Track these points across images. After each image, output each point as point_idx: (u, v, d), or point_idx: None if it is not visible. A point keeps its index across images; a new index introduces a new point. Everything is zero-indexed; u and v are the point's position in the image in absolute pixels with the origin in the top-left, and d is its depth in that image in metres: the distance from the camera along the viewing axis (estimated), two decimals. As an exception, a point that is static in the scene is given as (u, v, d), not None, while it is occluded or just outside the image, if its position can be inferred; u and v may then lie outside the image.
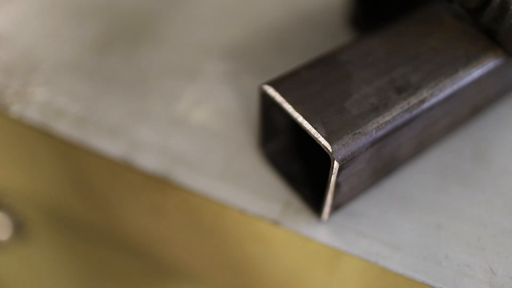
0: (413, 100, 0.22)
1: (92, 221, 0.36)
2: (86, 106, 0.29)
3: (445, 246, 0.24)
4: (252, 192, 0.26)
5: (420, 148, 0.26)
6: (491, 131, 0.28)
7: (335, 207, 0.24)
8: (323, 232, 0.24)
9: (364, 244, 0.24)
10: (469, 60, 0.24)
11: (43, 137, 0.30)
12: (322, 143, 0.21)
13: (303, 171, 0.26)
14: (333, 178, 0.22)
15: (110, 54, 0.32)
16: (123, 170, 0.28)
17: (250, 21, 0.34)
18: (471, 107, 0.26)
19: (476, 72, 0.24)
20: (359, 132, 0.21)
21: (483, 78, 0.24)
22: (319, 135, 0.21)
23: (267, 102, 0.24)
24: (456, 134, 0.28)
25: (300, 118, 0.22)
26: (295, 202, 0.25)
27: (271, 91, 0.23)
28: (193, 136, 0.28)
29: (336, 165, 0.21)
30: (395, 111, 0.22)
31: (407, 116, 0.22)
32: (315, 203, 0.25)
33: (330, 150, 0.21)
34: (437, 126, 0.25)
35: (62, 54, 0.32)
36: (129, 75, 0.31)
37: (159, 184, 0.27)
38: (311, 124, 0.21)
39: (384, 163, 0.24)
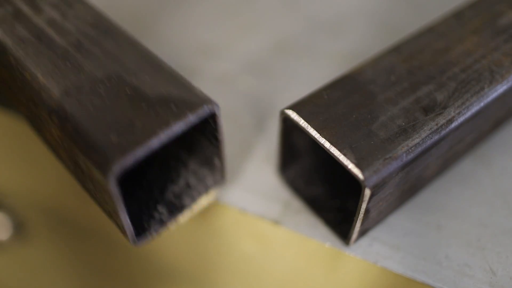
0: (441, 120, 0.22)
1: (92, 221, 0.36)
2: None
3: (445, 246, 0.24)
4: (252, 192, 0.26)
5: (444, 166, 0.25)
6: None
7: (362, 233, 0.23)
8: (323, 232, 0.24)
9: (364, 244, 0.24)
10: (493, 76, 0.23)
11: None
12: (353, 170, 0.20)
13: (326, 195, 0.25)
14: (363, 206, 0.21)
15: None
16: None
17: (250, 21, 0.34)
18: (493, 122, 0.26)
19: (501, 88, 0.23)
20: (390, 157, 0.21)
21: (507, 93, 0.24)
22: (348, 161, 0.20)
23: (288, 127, 0.23)
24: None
25: (327, 144, 0.21)
26: (295, 202, 0.25)
27: (294, 115, 0.22)
28: (193, 136, 0.28)
29: (367, 192, 0.20)
30: (424, 133, 0.21)
31: (436, 137, 0.22)
32: (340, 228, 0.24)
33: (362, 178, 0.20)
34: (462, 143, 0.25)
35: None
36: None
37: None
38: (339, 150, 0.21)
39: (411, 185, 0.23)
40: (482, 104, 0.23)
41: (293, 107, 0.22)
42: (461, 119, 0.22)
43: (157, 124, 0.20)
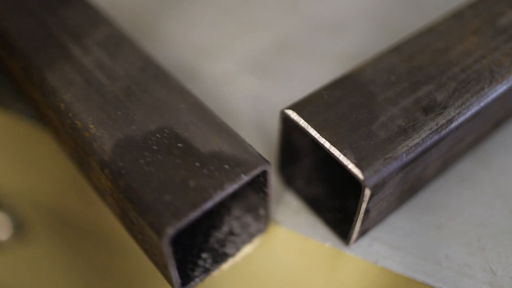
0: (441, 120, 0.22)
1: (91, 221, 0.36)
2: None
3: (445, 246, 0.24)
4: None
5: (444, 166, 0.25)
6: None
7: (362, 233, 0.23)
8: (323, 232, 0.24)
9: (364, 244, 0.24)
10: (493, 76, 0.23)
11: (43, 137, 0.30)
12: (353, 170, 0.20)
13: (326, 194, 0.25)
14: (363, 206, 0.21)
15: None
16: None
17: (250, 21, 0.34)
18: (493, 122, 0.26)
19: (501, 88, 0.23)
20: (390, 157, 0.21)
21: (507, 93, 0.24)
22: (348, 161, 0.20)
23: (288, 127, 0.23)
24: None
25: (327, 144, 0.21)
26: (295, 202, 0.25)
27: (294, 115, 0.22)
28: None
29: (367, 192, 0.20)
30: (424, 133, 0.21)
31: (436, 137, 0.22)
32: (340, 228, 0.24)
33: (362, 178, 0.20)
34: (462, 143, 0.25)
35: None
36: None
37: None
38: (339, 150, 0.21)
39: (411, 185, 0.23)
40: (482, 104, 0.23)
41: (293, 107, 0.22)
42: (461, 119, 0.22)
43: (210, 185, 0.19)
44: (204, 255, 0.23)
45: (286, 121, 0.23)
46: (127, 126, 0.22)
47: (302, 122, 0.22)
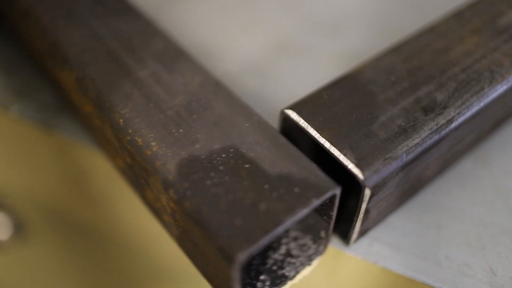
0: (441, 120, 0.22)
1: (91, 221, 0.36)
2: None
3: (445, 246, 0.24)
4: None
5: (444, 166, 0.25)
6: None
7: (362, 233, 0.23)
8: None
9: (364, 244, 0.24)
10: (493, 76, 0.23)
11: (43, 137, 0.30)
12: (353, 170, 0.20)
13: None
14: (363, 206, 0.21)
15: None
16: (123, 170, 0.28)
17: (250, 21, 0.34)
18: (493, 122, 0.26)
19: (501, 88, 0.23)
20: (390, 157, 0.21)
21: (507, 93, 0.24)
22: (348, 161, 0.20)
23: (288, 127, 0.23)
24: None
25: (327, 144, 0.21)
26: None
27: (294, 115, 0.22)
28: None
29: (367, 192, 0.20)
30: (424, 132, 0.21)
31: (436, 137, 0.22)
32: (340, 228, 0.24)
33: (362, 178, 0.20)
34: (462, 143, 0.25)
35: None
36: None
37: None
38: (339, 150, 0.21)
39: (411, 185, 0.23)
40: (482, 104, 0.23)
41: (293, 107, 0.22)
42: (461, 119, 0.22)
43: (281, 209, 0.19)
44: (262, 277, 0.22)
45: (286, 121, 0.23)
46: (190, 144, 0.21)
47: (302, 122, 0.22)
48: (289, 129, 0.24)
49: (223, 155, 0.20)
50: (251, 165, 0.20)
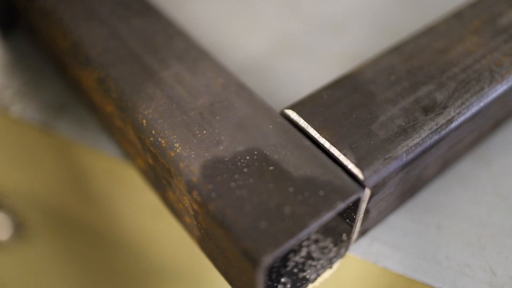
0: (441, 120, 0.22)
1: (91, 221, 0.36)
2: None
3: (445, 246, 0.24)
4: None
5: (444, 166, 0.25)
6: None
7: (362, 233, 0.23)
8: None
9: (364, 244, 0.24)
10: (493, 76, 0.23)
11: (43, 137, 0.30)
12: (353, 170, 0.20)
13: None
14: (363, 206, 0.21)
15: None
16: (123, 170, 0.28)
17: (250, 21, 0.34)
18: (493, 122, 0.26)
19: (501, 88, 0.23)
20: (389, 157, 0.21)
21: (507, 93, 0.24)
22: (348, 161, 0.20)
23: None
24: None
25: (327, 144, 0.21)
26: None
27: (294, 115, 0.22)
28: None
29: (367, 192, 0.20)
30: (424, 132, 0.21)
31: (435, 137, 0.22)
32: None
33: (362, 178, 0.20)
34: (462, 143, 0.25)
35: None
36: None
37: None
38: (339, 150, 0.21)
39: (411, 185, 0.23)
40: (482, 104, 0.23)
41: (293, 107, 0.22)
42: (461, 119, 0.22)
43: (307, 212, 0.18)
44: (283, 280, 0.22)
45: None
46: (214, 146, 0.21)
47: (302, 122, 0.22)
48: None
49: (247, 157, 0.20)
50: (275, 167, 0.20)
